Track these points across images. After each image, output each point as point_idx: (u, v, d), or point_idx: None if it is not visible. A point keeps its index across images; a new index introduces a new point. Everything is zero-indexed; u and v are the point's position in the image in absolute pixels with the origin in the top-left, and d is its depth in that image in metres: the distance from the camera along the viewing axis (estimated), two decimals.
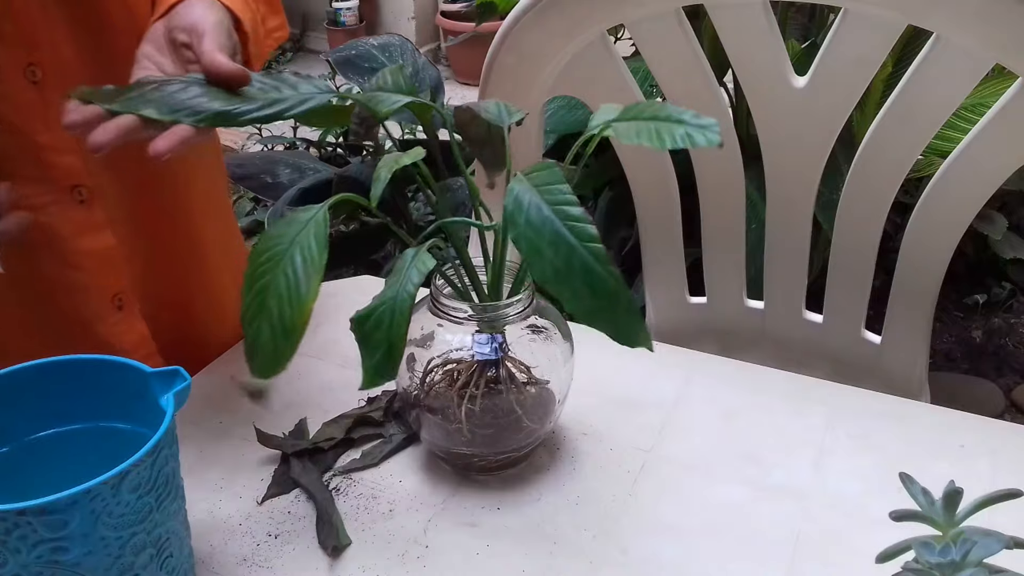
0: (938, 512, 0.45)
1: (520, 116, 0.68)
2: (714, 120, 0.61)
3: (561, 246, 0.54)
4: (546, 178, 0.57)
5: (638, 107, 0.64)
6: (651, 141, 0.61)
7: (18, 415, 0.60)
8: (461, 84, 3.83)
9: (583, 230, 0.54)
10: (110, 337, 0.78)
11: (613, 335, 0.55)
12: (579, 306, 0.54)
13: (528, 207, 0.55)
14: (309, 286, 0.56)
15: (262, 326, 0.57)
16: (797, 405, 0.79)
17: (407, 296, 0.56)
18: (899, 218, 1.08)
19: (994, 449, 0.73)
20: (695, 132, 0.61)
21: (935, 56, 0.87)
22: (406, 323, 0.56)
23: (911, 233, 0.98)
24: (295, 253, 0.57)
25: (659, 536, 0.66)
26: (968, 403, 0.80)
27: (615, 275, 0.54)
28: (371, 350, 0.57)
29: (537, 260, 0.54)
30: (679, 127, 0.61)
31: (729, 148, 1.02)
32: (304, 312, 0.56)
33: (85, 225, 0.74)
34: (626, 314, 0.54)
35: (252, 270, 0.58)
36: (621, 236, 1.89)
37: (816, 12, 1.65)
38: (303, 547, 0.65)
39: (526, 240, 0.55)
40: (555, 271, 0.54)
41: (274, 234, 0.58)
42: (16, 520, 0.49)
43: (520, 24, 0.97)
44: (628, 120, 0.64)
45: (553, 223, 0.55)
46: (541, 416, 0.70)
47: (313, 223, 0.58)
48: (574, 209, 0.55)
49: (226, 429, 0.77)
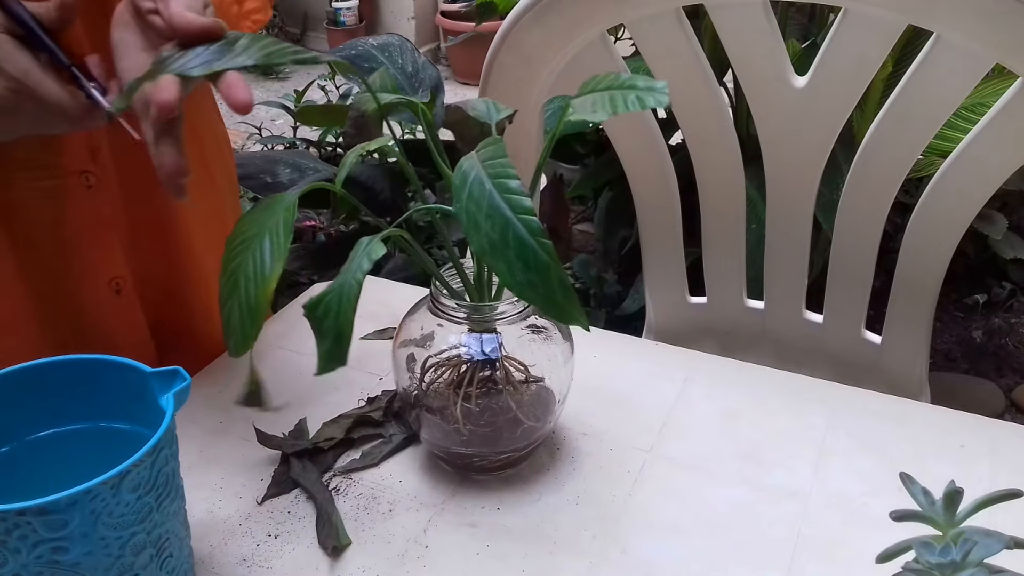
0: (938, 512, 0.45)
1: (508, 113, 0.68)
2: (663, 82, 0.62)
3: (497, 218, 0.54)
4: (490, 153, 0.57)
5: (595, 79, 0.65)
6: (604, 109, 0.62)
7: (18, 415, 0.60)
8: (461, 84, 3.83)
9: (519, 202, 0.54)
10: (106, 321, 0.78)
11: (547, 310, 0.55)
12: (513, 279, 0.54)
13: (472, 182, 0.55)
14: (273, 268, 0.57)
15: (233, 307, 0.58)
16: (797, 405, 0.79)
17: (355, 283, 0.56)
18: (899, 218, 1.08)
19: (994, 449, 0.73)
20: (645, 95, 0.61)
21: (935, 56, 0.87)
22: (353, 310, 0.56)
23: (911, 233, 0.98)
24: (264, 237, 0.58)
25: (659, 536, 0.66)
26: (968, 403, 0.80)
27: (548, 248, 0.54)
28: (323, 337, 0.57)
29: (475, 233, 0.54)
30: (630, 92, 0.62)
31: (729, 148, 1.02)
32: (267, 291, 0.57)
33: (90, 211, 0.75)
34: (560, 288, 0.54)
35: (228, 253, 0.59)
36: (621, 236, 1.89)
37: (816, 12, 1.65)
38: (303, 547, 0.65)
39: (466, 214, 0.55)
40: (491, 243, 0.54)
41: (249, 219, 0.60)
42: (16, 520, 0.49)
43: (520, 24, 0.97)
44: (585, 94, 0.64)
45: (492, 195, 0.54)
46: (541, 416, 0.70)
47: (282, 210, 0.59)
48: (512, 182, 0.55)
49: (226, 429, 0.77)
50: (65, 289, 0.77)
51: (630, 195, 1.10)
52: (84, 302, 0.77)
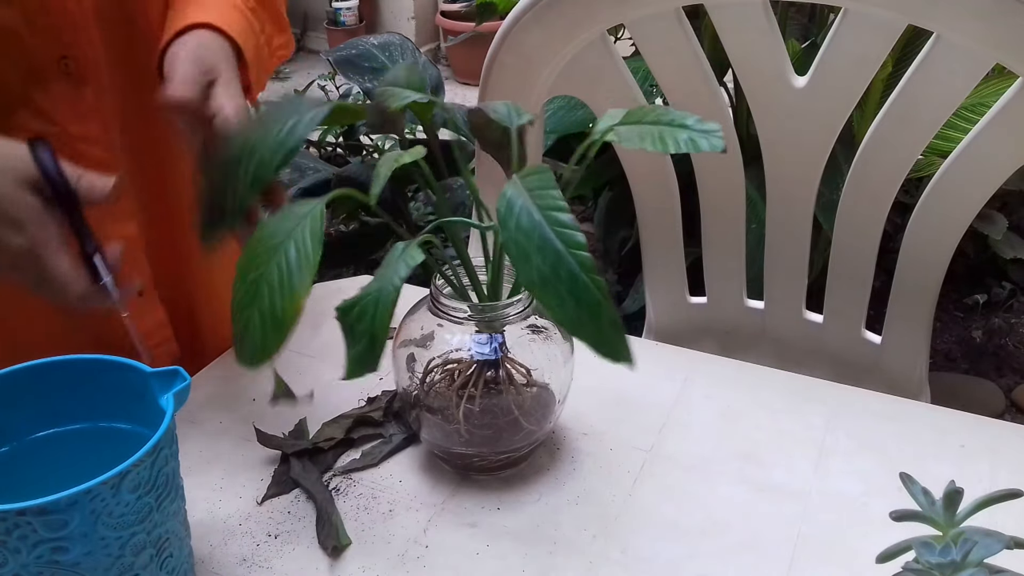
0: (938, 512, 0.45)
1: (529, 118, 0.68)
2: (717, 124, 0.61)
3: (548, 252, 0.53)
4: (538, 182, 0.56)
5: (641, 111, 0.64)
6: (655, 146, 0.61)
7: (18, 415, 0.60)
8: (461, 84, 3.83)
9: (571, 237, 0.54)
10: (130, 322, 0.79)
11: (596, 347, 0.54)
12: (564, 314, 0.54)
13: (519, 211, 0.55)
14: (302, 279, 0.56)
15: (253, 315, 0.57)
16: (797, 405, 0.79)
17: (392, 289, 0.56)
18: (899, 218, 1.08)
19: (994, 449, 0.73)
20: (699, 137, 0.61)
21: (935, 56, 0.87)
22: (389, 315, 0.56)
23: (911, 233, 0.98)
24: (289, 246, 0.57)
25: (659, 536, 0.66)
26: (968, 403, 0.80)
27: (601, 285, 0.53)
28: (355, 340, 0.56)
29: (524, 265, 0.54)
30: (682, 132, 0.61)
31: (729, 148, 1.02)
32: (296, 304, 0.56)
33: (112, 215, 0.75)
34: (610, 327, 0.53)
35: (246, 260, 0.58)
36: (621, 236, 1.89)
37: (816, 12, 1.65)
38: (303, 547, 0.65)
39: (515, 244, 0.54)
40: (542, 277, 0.53)
41: (271, 227, 0.58)
42: (16, 520, 0.49)
43: (520, 24, 0.97)
44: (631, 124, 0.64)
45: (542, 228, 0.54)
46: (541, 416, 0.70)
47: (309, 218, 0.58)
48: (564, 215, 0.54)
49: (226, 429, 0.77)
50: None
51: (630, 195, 1.10)
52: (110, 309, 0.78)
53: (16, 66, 0.70)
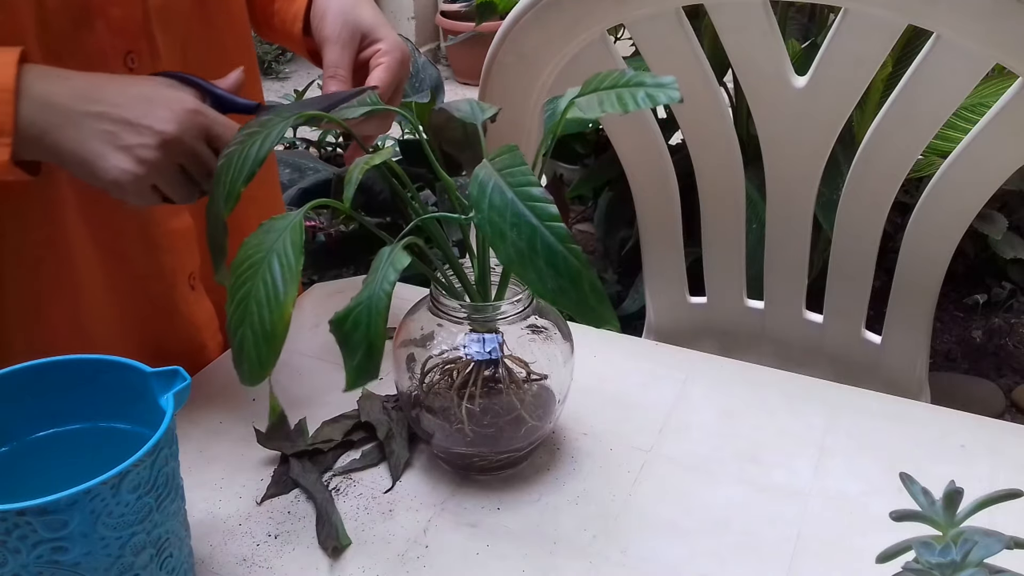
0: (938, 512, 0.45)
1: (493, 112, 0.67)
2: (672, 78, 0.61)
3: (523, 227, 0.54)
4: (508, 161, 0.56)
5: (598, 78, 0.64)
6: (613, 107, 0.61)
7: (18, 415, 0.60)
8: (461, 84, 3.83)
9: (544, 210, 0.54)
10: (188, 315, 0.83)
11: (580, 314, 0.55)
12: (543, 287, 0.54)
13: (491, 191, 0.55)
14: (287, 291, 0.56)
15: (246, 333, 0.57)
16: (797, 405, 0.79)
17: (383, 295, 0.56)
18: (899, 218, 1.09)
19: (994, 449, 0.73)
20: (656, 91, 0.61)
21: (935, 56, 0.87)
22: (384, 322, 0.56)
23: (911, 233, 0.98)
24: (272, 260, 0.57)
25: (659, 536, 0.66)
26: (968, 403, 0.80)
27: (578, 253, 0.53)
28: (351, 351, 0.56)
29: (500, 243, 0.54)
30: (639, 90, 0.61)
31: (729, 148, 1.02)
32: (283, 317, 0.56)
33: (172, 208, 0.77)
34: (592, 292, 0.54)
35: (234, 280, 0.58)
36: (621, 236, 1.89)
37: (816, 12, 1.65)
38: (303, 547, 0.65)
39: (490, 224, 0.54)
40: (519, 252, 0.54)
41: (253, 243, 0.59)
42: (16, 520, 0.49)
43: (520, 24, 0.97)
44: (590, 93, 0.64)
45: (515, 204, 0.54)
46: (541, 416, 0.70)
47: (289, 230, 0.58)
48: (535, 190, 0.54)
49: (226, 429, 0.77)
50: (155, 289, 0.81)
51: (630, 195, 1.10)
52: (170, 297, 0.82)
53: (90, 59, 0.70)
